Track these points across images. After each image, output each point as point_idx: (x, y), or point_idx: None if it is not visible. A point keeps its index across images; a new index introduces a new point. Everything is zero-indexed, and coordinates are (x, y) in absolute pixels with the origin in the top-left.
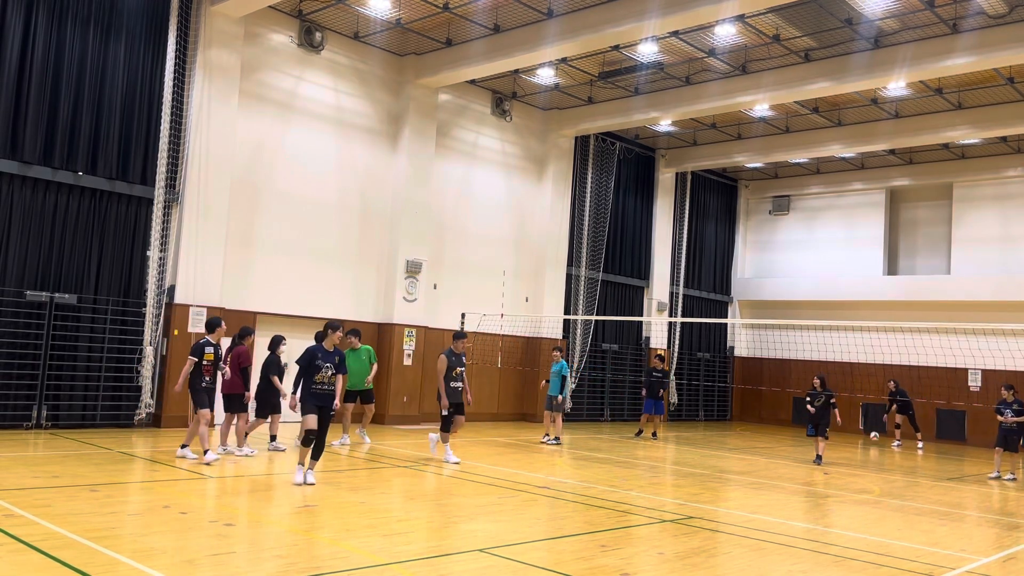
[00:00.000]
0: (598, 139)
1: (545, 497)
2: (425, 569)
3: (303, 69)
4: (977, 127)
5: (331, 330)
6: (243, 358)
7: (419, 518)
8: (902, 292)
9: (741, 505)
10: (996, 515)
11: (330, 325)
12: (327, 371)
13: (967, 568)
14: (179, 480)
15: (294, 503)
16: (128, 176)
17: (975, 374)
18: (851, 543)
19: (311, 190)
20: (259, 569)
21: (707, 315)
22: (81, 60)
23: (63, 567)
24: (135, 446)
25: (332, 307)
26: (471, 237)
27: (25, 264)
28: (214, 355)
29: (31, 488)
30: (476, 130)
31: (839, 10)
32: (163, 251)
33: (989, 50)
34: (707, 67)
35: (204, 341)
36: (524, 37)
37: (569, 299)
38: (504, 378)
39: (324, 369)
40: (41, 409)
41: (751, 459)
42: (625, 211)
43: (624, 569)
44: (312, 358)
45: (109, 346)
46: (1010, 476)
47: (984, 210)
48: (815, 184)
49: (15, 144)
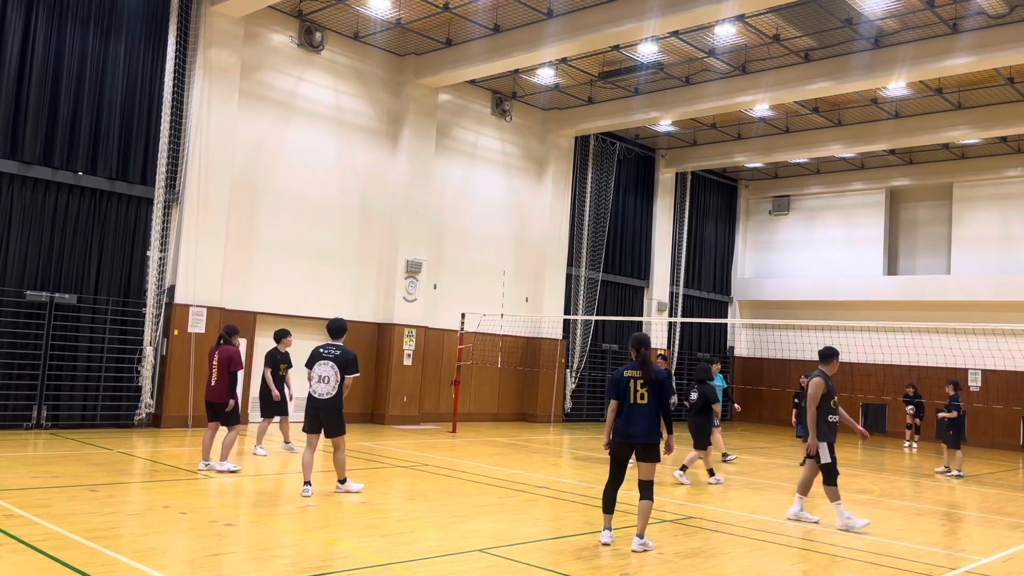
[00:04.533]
0: (598, 139)
1: (545, 497)
2: (425, 569)
3: (303, 69)
4: (977, 127)
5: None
6: (235, 361)
7: (419, 518)
8: (902, 292)
9: (741, 505)
10: (996, 515)
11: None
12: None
13: (967, 568)
14: (179, 480)
15: (294, 503)
16: (128, 176)
17: (975, 374)
18: (851, 543)
19: (311, 190)
20: (259, 569)
21: (707, 315)
22: (81, 60)
23: (63, 567)
24: (135, 446)
25: (332, 307)
26: (471, 237)
27: (25, 264)
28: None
29: (31, 488)
30: (476, 130)
31: (839, 10)
32: (163, 251)
33: (989, 50)
34: (707, 67)
35: (274, 350)
36: (524, 37)
37: (569, 299)
38: (504, 378)
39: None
40: (41, 409)
41: (751, 459)
42: (625, 211)
43: (624, 569)
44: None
45: (109, 346)
46: (956, 472)
47: (984, 210)
48: (815, 184)
49: (15, 144)
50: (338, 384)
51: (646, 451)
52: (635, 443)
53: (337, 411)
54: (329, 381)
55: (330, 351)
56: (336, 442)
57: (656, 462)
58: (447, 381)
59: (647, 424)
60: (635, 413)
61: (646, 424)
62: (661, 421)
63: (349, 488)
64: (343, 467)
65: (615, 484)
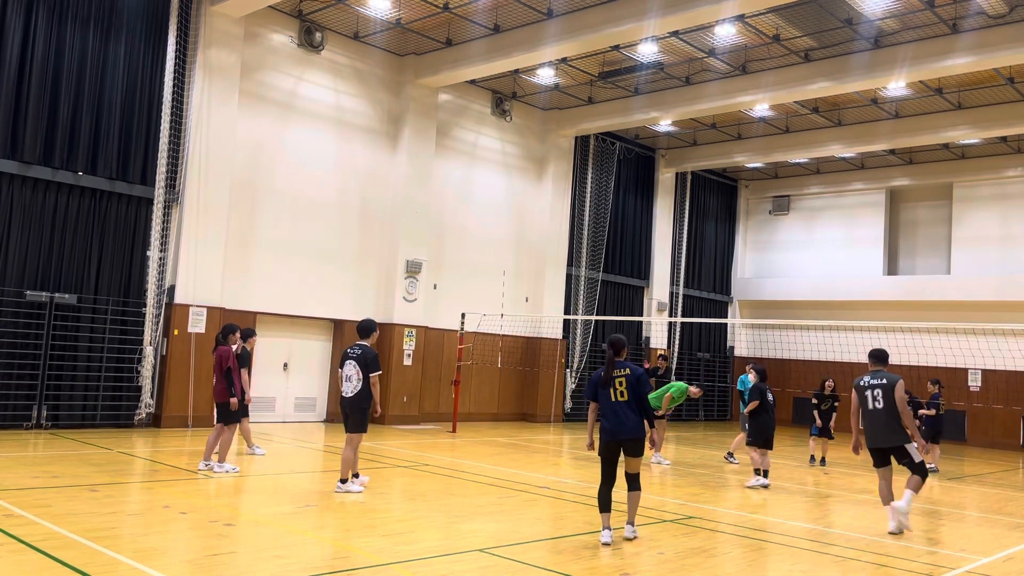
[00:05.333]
0: (598, 139)
1: (545, 497)
2: (425, 569)
3: (303, 69)
4: (977, 127)
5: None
6: (224, 361)
7: (419, 518)
8: (902, 292)
9: (741, 505)
10: (996, 515)
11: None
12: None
13: (967, 568)
14: (179, 480)
15: (294, 503)
16: (128, 176)
17: (975, 374)
18: (851, 543)
19: (311, 190)
20: (259, 569)
21: (707, 315)
22: (81, 60)
23: (63, 567)
24: (135, 446)
25: (332, 307)
26: (471, 237)
27: (25, 264)
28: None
29: (31, 488)
30: (476, 130)
31: (839, 10)
32: (163, 251)
33: (989, 50)
34: (707, 67)
35: (244, 350)
36: (524, 37)
37: (569, 299)
38: (504, 378)
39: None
40: (41, 409)
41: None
42: (625, 211)
43: (624, 569)
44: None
45: (109, 346)
46: (931, 466)
47: (984, 210)
48: (815, 184)
49: (15, 144)
50: (361, 382)
51: (633, 446)
52: (623, 440)
53: (361, 409)
54: (352, 380)
55: (354, 351)
56: (350, 438)
57: (641, 455)
58: (447, 381)
59: (629, 421)
60: (619, 411)
61: (628, 421)
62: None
63: (350, 489)
64: (349, 465)
65: (608, 484)
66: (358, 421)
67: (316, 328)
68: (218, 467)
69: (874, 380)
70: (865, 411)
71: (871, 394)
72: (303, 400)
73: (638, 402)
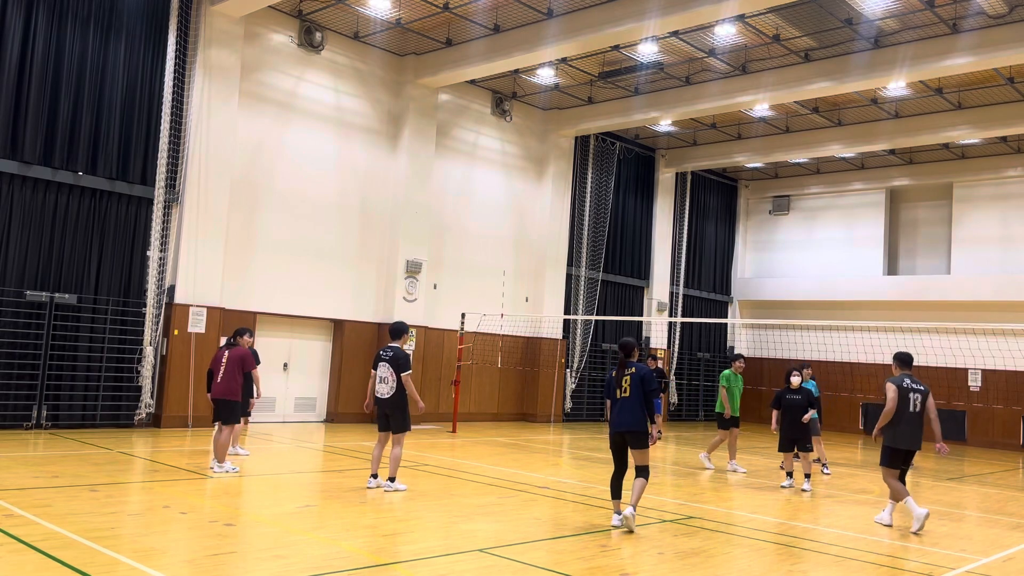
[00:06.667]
0: (598, 139)
1: (545, 497)
2: (425, 569)
3: (303, 69)
4: (977, 127)
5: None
6: (247, 362)
7: (419, 518)
8: (902, 292)
9: (741, 505)
10: (996, 515)
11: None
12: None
13: (967, 568)
14: (179, 480)
15: (294, 503)
16: (128, 176)
17: (975, 374)
18: (851, 543)
19: (311, 190)
20: (259, 569)
21: (707, 315)
22: (81, 60)
23: (63, 567)
24: (135, 446)
25: (332, 307)
26: (471, 237)
27: (25, 264)
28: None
29: (31, 488)
30: (476, 130)
31: (839, 10)
32: (163, 251)
33: (989, 50)
34: (707, 67)
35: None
36: (524, 37)
37: (569, 299)
38: (504, 378)
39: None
40: (41, 409)
41: (751, 459)
42: (625, 211)
43: (624, 569)
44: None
45: (109, 346)
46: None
47: (984, 210)
48: (815, 184)
49: (15, 144)
50: (396, 382)
51: (635, 439)
52: (623, 431)
53: (401, 408)
54: (388, 381)
55: (387, 352)
56: (396, 438)
57: (645, 448)
58: (447, 381)
59: (631, 415)
60: (623, 406)
61: (629, 415)
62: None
63: (397, 488)
64: (398, 463)
65: (619, 472)
66: (400, 420)
67: (316, 328)
68: (218, 467)
69: (915, 385)
70: (904, 412)
71: (913, 397)
72: (303, 400)
73: (641, 398)
